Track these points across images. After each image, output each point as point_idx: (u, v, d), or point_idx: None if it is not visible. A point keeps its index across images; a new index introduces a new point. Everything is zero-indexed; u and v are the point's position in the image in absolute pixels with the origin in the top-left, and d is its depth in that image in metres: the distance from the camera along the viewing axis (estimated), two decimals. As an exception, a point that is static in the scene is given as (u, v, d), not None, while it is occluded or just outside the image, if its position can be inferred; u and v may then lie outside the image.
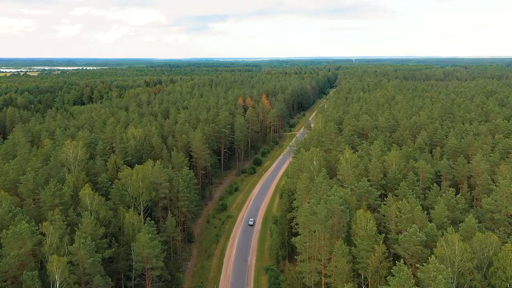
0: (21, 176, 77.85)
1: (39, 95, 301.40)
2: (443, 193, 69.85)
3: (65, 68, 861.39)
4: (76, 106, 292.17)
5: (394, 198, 68.11)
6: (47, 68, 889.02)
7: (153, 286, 66.70)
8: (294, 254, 79.91)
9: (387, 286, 45.11)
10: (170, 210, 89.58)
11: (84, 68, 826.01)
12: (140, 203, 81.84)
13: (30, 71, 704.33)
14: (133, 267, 64.29)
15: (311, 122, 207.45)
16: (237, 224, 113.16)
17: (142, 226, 67.64)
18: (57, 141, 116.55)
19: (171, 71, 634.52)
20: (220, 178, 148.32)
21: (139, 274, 65.78)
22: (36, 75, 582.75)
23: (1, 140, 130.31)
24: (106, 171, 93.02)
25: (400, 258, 59.19)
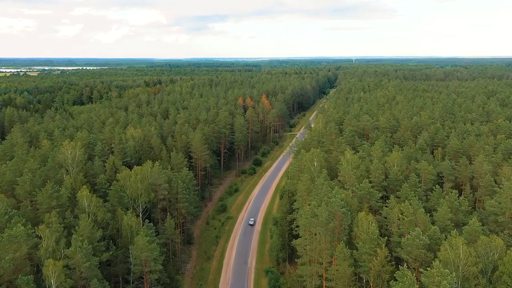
0: (18, 177, 76.79)
1: (38, 95, 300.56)
2: (446, 195, 68.85)
3: (65, 68, 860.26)
4: (76, 106, 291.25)
5: (396, 200, 67.13)
6: (47, 68, 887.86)
7: (151, 289, 65.84)
8: (295, 256, 78.85)
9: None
10: (169, 212, 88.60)
11: (84, 68, 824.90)
12: (138, 205, 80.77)
13: (30, 71, 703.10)
14: (131, 270, 63.30)
15: (311, 122, 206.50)
16: (237, 225, 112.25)
17: (140, 228, 66.65)
18: (55, 141, 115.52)
19: (171, 71, 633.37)
20: (220, 178, 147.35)
21: (138, 277, 64.80)
22: (36, 75, 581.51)
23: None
24: (104, 172, 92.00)
25: (402, 261, 58.33)
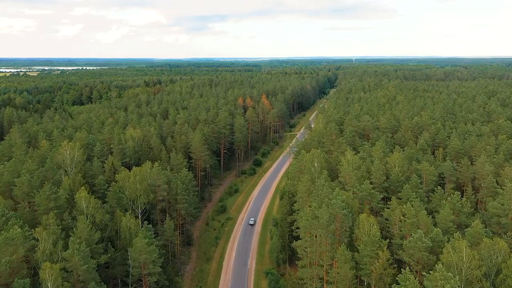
0: (16, 178, 76.01)
1: (38, 95, 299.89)
2: (448, 196, 68.12)
3: (65, 68, 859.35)
4: (75, 106, 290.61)
5: (397, 201, 66.39)
6: (46, 68, 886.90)
7: (150, 291, 65.10)
8: (295, 258, 78.24)
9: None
10: (169, 213, 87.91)
11: (84, 68, 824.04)
12: (137, 206, 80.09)
13: (29, 71, 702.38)
14: (130, 272, 62.59)
15: (311, 123, 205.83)
16: (236, 226, 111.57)
17: (139, 230, 65.96)
18: (54, 142, 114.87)
19: (171, 71, 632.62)
20: (220, 179, 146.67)
21: (136, 280, 64.09)
22: (35, 75, 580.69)
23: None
24: (103, 173, 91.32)
25: (403, 263, 57.65)
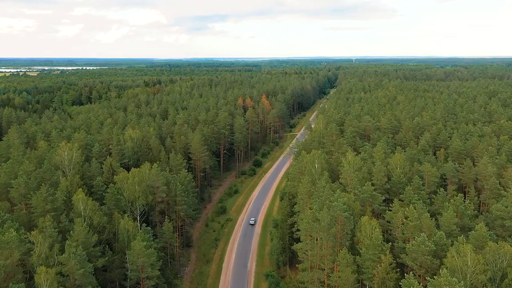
0: (13, 179, 75.06)
1: (37, 95, 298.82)
2: (451, 198, 67.16)
3: (64, 68, 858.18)
4: (75, 106, 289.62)
5: (399, 203, 65.40)
6: (46, 68, 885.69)
7: (149, 295, 64.08)
8: (295, 260, 77.25)
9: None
10: (168, 215, 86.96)
11: (84, 68, 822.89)
12: (136, 208, 79.14)
13: (29, 71, 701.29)
14: (128, 276, 61.61)
15: (311, 123, 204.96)
16: (236, 227, 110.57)
17: (137, 232, 64.99)
18: (52, 142, 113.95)
19: (170, 71, 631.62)
20: (220, 180, 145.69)
21: (134, 284, 63.12)
22: (35, 75, 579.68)
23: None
24: (101, 174, 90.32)
25: (405, 267, 56.72)
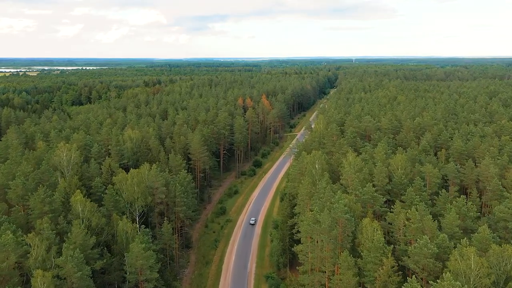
0: (11, 181, 74.32)
1: (37, 95, 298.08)
2: (453, 199, 66.40)
3: (64, 68, 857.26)
4: (74, 106, 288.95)
5: (401, 205, 64.66)
6: (46, 68, 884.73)
7: (147, 297, 63.33)
8: (296, 262, 76.51)
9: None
10: (167, 216, 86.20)
11: (84, 68, 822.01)
12: (135, 209, 78.43)
13: (29, 71, 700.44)
14: (126, 278, 60.87)
15: (311, 123, 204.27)
16: (236, 228, 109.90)
17: (136, 234, 64.28)
18: (51, 143, 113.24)
19: (170, 71, 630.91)
20: (219, 180, 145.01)
21: (133, 286, 62.40)
22: (35, 75, 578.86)
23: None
24: (100, 175, 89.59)
25: (406, 269, 55.98)
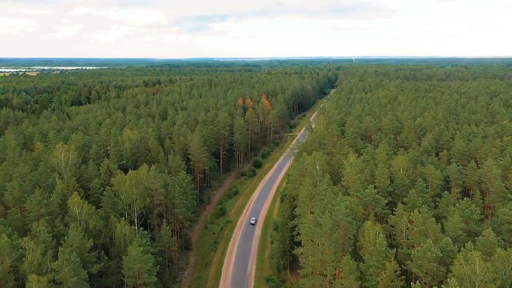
0: (7, 182, 73.33)
1: (36, 95, 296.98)
2: (456, 201, 65.42)
3: (64, 68, 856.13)
4: (74, 106, 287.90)
5: (403, 207, 63.68)
6: (46, 68, 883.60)
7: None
8: (296, 264, 75.64)
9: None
10: (166, 218, 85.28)
11: (84, 68, 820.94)
12: (133, 211, 77.51)
13: (29, 71, 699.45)
14: (124, 282, 59.90)
15: (312, 123, 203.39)
16: (236, 229, 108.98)
17: (134, 237, 63.33)
18: (49, 144, 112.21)
19: (170, 71, 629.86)
20: (219, 181, 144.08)
21: (131, 289, 61.46)
22: (35, 75, 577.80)
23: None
24: (98, 176, 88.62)
25: (409, 273, 55.06)
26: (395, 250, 53.41)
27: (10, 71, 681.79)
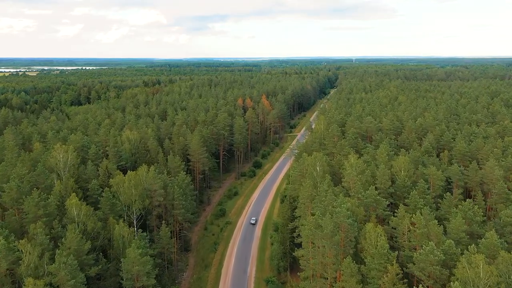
0: (5, 183, 72.64)
1: (36, 96, 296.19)
2: (458, 203, 64.71)
3: (64, 68, 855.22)
4: (73, 106, 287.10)
5: (405, 208, 62.94)
6: (46, 68, 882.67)
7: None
8: (296, 265, 74.91)
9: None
10: (165, 219, 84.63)
11: (83, 68, 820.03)
12: (132, 212, 76.82)
13: (29, 71, 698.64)
14: (122, 285, 59.19)
15: (312, 123, 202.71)
16: (236, 230, 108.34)
17: (133, 238, 62.63)
18: (48, 144, 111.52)
19: (170, 71, 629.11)
20: (219, 181, 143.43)
21: (129, 292, 60.72)
22: (35, 75, 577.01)
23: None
24: (97, 177, 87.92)
25: (410, 276, 54.33)
26: (397, 252, 52.62)
27: (10, 71, 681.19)
